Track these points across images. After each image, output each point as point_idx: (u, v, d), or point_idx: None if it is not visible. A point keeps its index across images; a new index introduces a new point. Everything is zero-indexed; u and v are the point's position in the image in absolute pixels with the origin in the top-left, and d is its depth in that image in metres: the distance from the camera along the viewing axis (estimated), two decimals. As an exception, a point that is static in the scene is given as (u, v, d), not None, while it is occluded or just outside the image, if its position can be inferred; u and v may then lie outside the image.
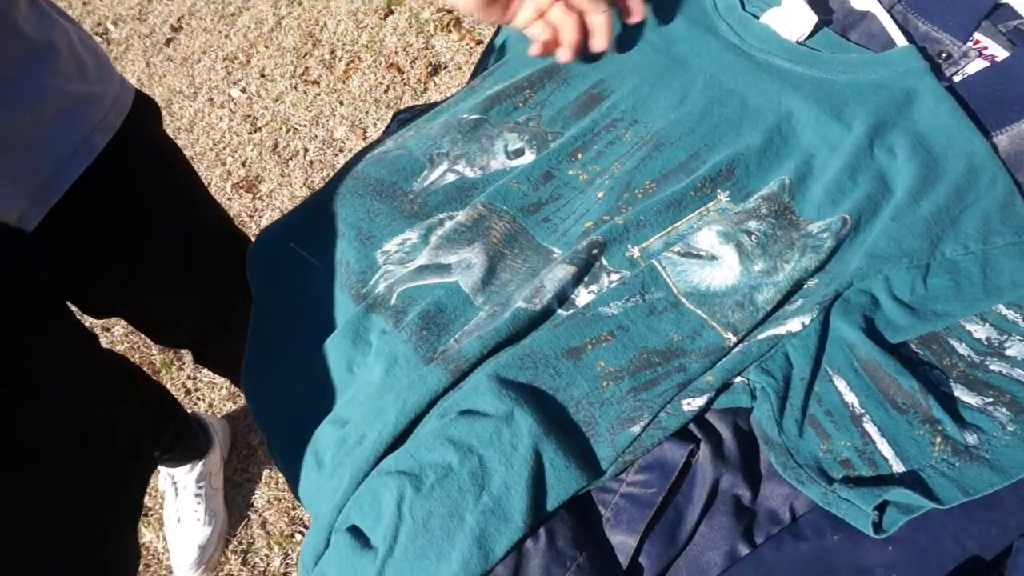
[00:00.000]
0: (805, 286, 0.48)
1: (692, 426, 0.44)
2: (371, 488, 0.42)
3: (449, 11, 1.93)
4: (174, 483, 1.29)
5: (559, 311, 0.49)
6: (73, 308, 0.77)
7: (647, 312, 0.47)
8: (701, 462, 0.43)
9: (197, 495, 1.28)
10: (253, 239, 0.66)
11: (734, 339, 0.45)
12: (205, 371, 1.50)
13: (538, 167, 0.57)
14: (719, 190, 0.52)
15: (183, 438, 1.17)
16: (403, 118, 0.69)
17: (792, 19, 0.59)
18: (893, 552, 0.38)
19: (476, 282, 0.52)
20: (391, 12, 1.99)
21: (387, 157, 0.60)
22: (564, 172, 0.56)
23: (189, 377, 1.51)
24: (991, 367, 0.43)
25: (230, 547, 1.31)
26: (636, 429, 0.42)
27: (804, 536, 0.40)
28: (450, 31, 1.88)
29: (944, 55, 0.59)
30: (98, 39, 2.21)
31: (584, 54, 0.61)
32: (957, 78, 0.58)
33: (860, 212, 0.49)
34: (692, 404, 0.43)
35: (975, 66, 0.58)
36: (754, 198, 0.51)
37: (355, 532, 0.43)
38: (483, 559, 0.39)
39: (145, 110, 0.79)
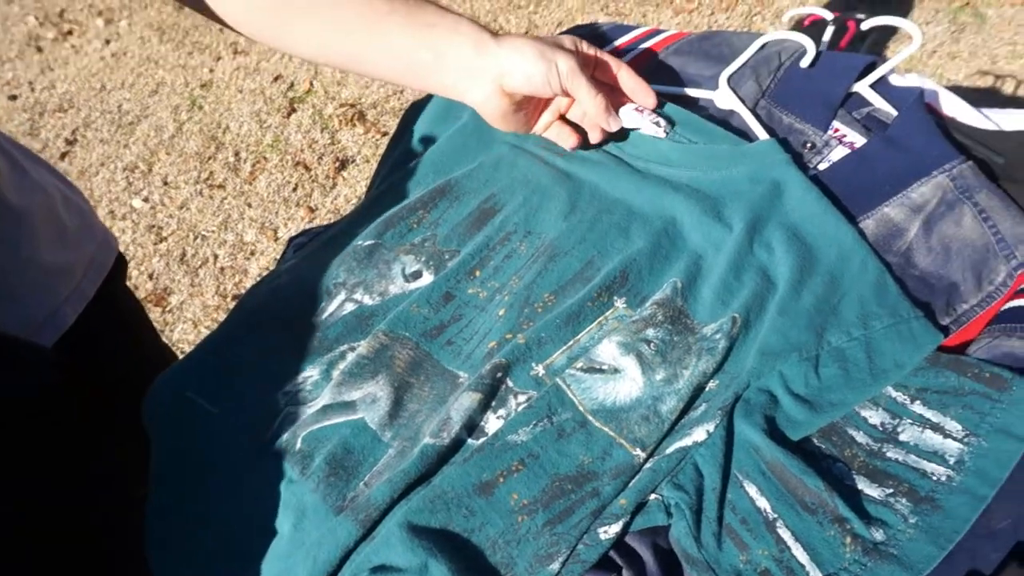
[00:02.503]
0: (706, 389, 0.49)
1: (612, 553, 0.43)
2: None
3: (352, 105, 1.95)
4: None
5: (469, 440, 0.48)
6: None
7: (556, 435, 0.47)
8: (624, 590, 0.42)
9: None
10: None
11: (643, 455, 0.45)
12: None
13: (437, 289, 0.56)
14: (615, 297, 0.53)
15: None
16: (299, 243, 0.69)
17: (649, 120, 0.61)
18: (821, 665, 0.38)
19: (383, 416, 0.51)
20: (294, 110, 2.00)
21: (282, 292, 0.59)
22: (464, 291, 0.56)
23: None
24: (888, 454, 0.45)
25: None
26: (555, 566, 0.41)
27: (735, 658, 0.40)
28: (355, 125, 1.90)
29: (808, 145, 0.63)
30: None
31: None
32: (823, 166, 0.62)
33: (748, 309, 0.51)
34: (609, 531, 0.43)
35: (838, 153, 0.62)
36: (649, 303, 0.52)
37: None
38: None
39: (116, 267, 0.74)
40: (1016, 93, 1.67)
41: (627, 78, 0.61)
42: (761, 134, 0.62)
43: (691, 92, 0.67)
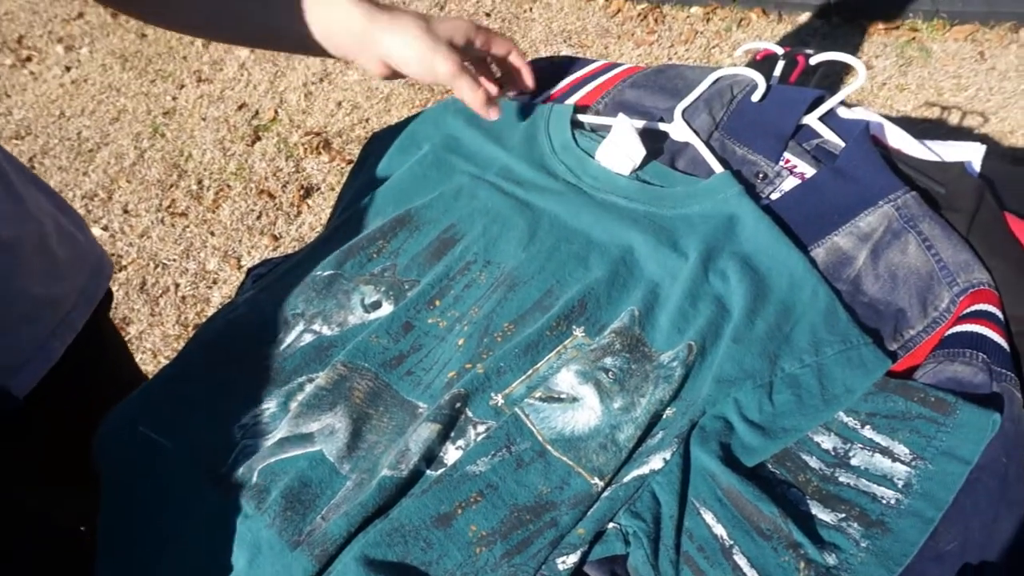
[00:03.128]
0: (663, 417, 0.49)
1: (569, 582, 0.43)
2: None
3: (318, 133, 1.95)
4: None
5: (428, 472, 0.48)
6: None
7: (515, 465, 0.47)
8: (584, 621, 0.42)
9: None
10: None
11: (601, 484, 0.45)
12: None
13: (397, 319, 0.56)
14: (574, 326, 0.54)
15: None
16: (257, 273, 0.68)
17: (622, 153, 0.64)
18: None
19: (341, 448, 0.50)
20: (258, 138, 1.99)
21: (240, 323, 0.58)
22: (423, 321, 0.56)
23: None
24: (840, 479, 0.46)
25: None
26: None
27: None
28: (320, 153, 1.89)
29: (761, 175, 0.65)
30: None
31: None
32: (775, 195, 0.64)
33: (704, 337, 0.52)
34: (567, 561, 0.42)
35: (789, 183, 0.64)
36: (607, 332, 0.53)
37: None
38: None
39: (105, 300, 0.72)
40: (961, 124, 1.73)
41: (515, 58, 0.66)
42: (715, 166, 0.64)
43: (648, 124, 0.69)
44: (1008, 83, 1.77)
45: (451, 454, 0.48)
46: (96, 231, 1.86)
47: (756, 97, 0.69)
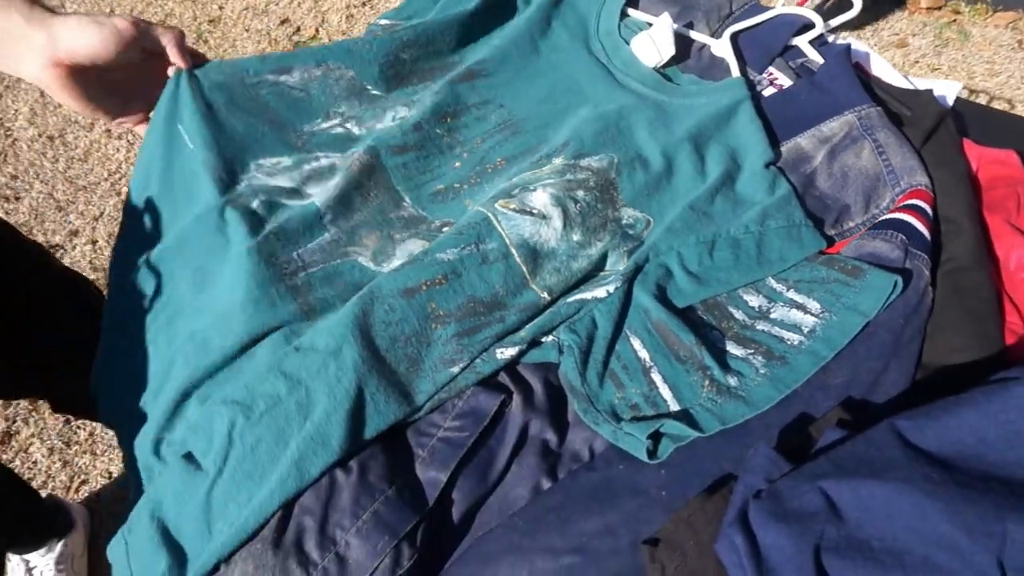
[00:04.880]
0: (614, 263, 0.55)
1: (506, 378, 0.50)
2: (206, 415, 0.46)
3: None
4: (28, 569, 1.14)
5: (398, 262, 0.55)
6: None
7: (480, 260, 0.52)
8: (513, 410, 0.49)
9: None
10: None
11: (548, 298, 0.52)
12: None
13: (411, 119, 0.63)
14: (555, 157, 0.60)
15: (28, 523, 1.07)
16: (374, 28, 0.74)
17: (654, 47, 0.69)
18: (665, 475, 0.45)
19: (329, 201, 0.57)
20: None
21: (290, 95, 0.64)
22: (432, 128, 0.63)
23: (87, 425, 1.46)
24: (758, 327, 0.51)
25: (104, 580, 1.26)
26: (455, 369, 0.48)
27: (595, 468, 0.46)
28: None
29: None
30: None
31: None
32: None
33: (665, 204, 0.57)
34: (505, 353, 0.49)
35: (768, 92, 0.69)
36: (584, 163, 0.59)
37: (189, 457, 0.46)
38: (299, 479, 0.43)
39: None
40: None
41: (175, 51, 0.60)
42: (734, 71, 0.69)
43: (695, 35, 0.74)
44: (1041, 73, 1.76)
45: (418, 245, 0.56)
46: (139, 128, 1.94)
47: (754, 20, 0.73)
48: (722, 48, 0.72)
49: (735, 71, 0.70)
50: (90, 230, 1.69)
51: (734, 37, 0.73)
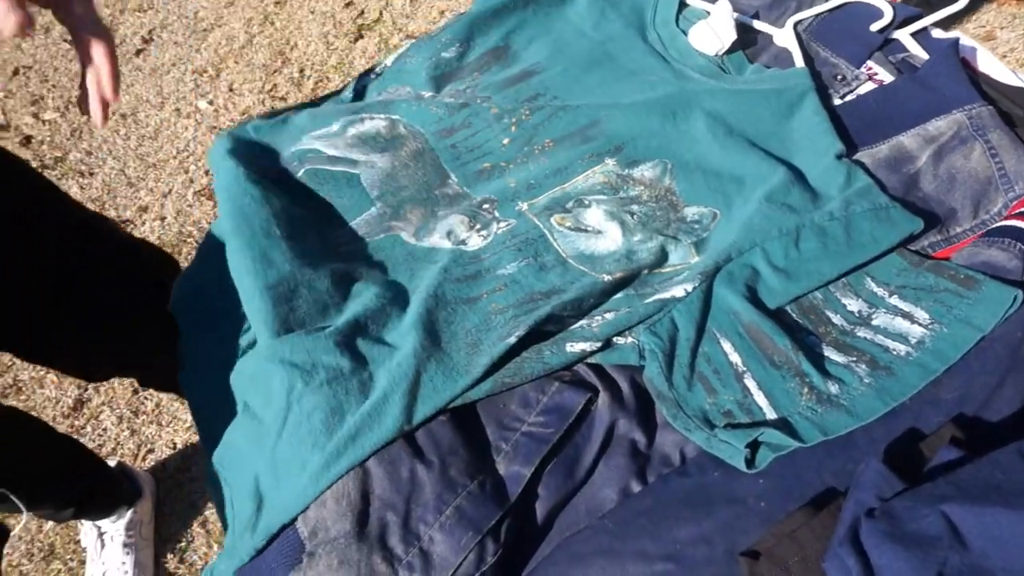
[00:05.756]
0: (685, 260, 0.54)
1: (593, 376, 0.49)
2: (264, 372, 0.46)
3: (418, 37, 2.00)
4: (100, 535, 1.18)
5: (449, 247, 0.56)
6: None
7: (538, 269, 0.53)
8: (600, 408, 0.47)
9: (127, 546, 1.17)
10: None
11: (608, 278, 0.51)
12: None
13: (460, 101, 0.63)
14: (607, 158, 0.59)
15: (100, 492, 1.10)
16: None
17: (714, 35, 0.66)
18: (763, 484, 0.43)
19: (375, 180, 0.59)
20: (361, 36, 2.05)
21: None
22: (478, 103, 0.63)
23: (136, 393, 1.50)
24: (859, 334, 0.49)
25: (168, 545, 1.30)
26: (512, 339, 0.47)
27: (688, 474, 0.45)
28: (417, 57, 1.95)
29: (839, 77, 0.67)
30: (67, 45, 2.23)
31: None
32: (850, 96, 0.65)
33: (732, 200, 0.55)
34: (575, 347, 0.48)
35: (866, 87, 0.66)
36: (637, 174, 0.57)
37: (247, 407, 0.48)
38: (352, 455, 0.43)
39: None
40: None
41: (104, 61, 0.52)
42: (799, 61, 0.66)
43: (758, 25, 0.71)
44: None
45: (474, 239, 0.56)
46: (202, 104, 1.98)
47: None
48: (785, 38, 0.69)
49: (799, 61, 0.67)
50: (159, 206, 1.74)
51: (823, 31, 0.70)
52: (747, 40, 0.70)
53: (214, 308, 0.58)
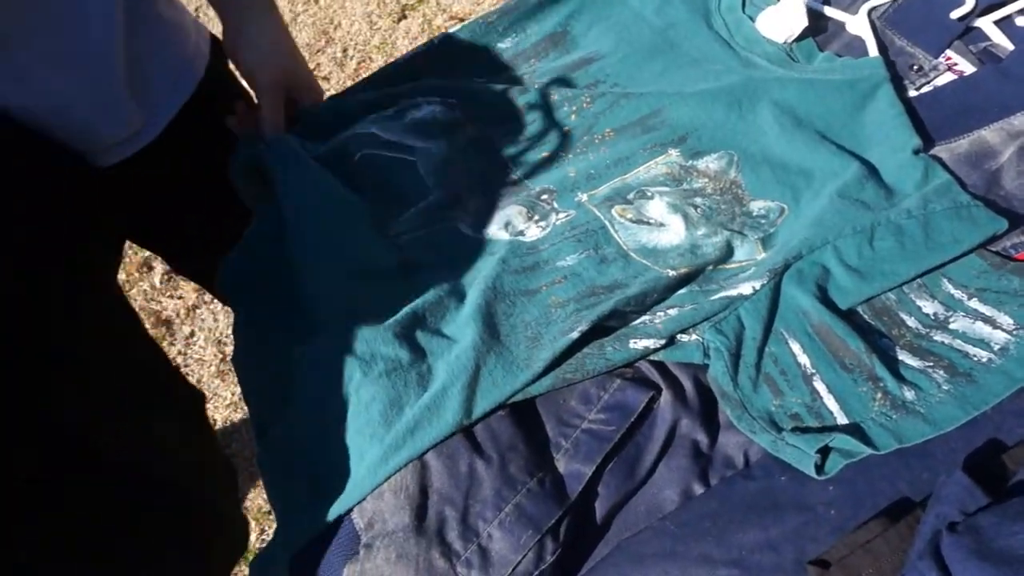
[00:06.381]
0: (753, 255, 0.52)
1: (655, 374, 0.47)
2: (324, 359, 0.47)
3: (462, 19, 1.98)
4: None
5: (506, 238, 0.55)
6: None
7: (599, 261, 0.52)
8: (662, 407, 0.46)
9: None
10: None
11: (672, 273, 0.50)
12: (195, 348, 1.53)
13: (518, 91, 0.62)
14: (670, 148, 0.57)
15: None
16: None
17: (783, 21, 0.64)
18: (833, 491, 0.41)
19: (431, 167, 0.58)
20: (404, 17, 2.04)
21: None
22: (538, 97, 0.62)
23: (180, 353, 1.53)
24: (935, 338, 0.47)
25: (208, 520, 1.33)
26: (574, 335, 0.46)
27: (754, 477, 0.44)
28: (460, 39, 1.93)
29: (916, 67, 0.64)
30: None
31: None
32: (927, 88, 0.62)
33: (800, 195, 0.53)
34: (638, 344, 0.47)
35: (945, 79, 0.63)
36: (702, 165, 0.56)
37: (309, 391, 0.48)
38: (412, 447, 0.43)
39: (216, 44, 0.77)
40: None
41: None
42: (872, 50, 0.64)
43: (829, 12, 0.68)
44: None
45: (532, 230, 0.54)
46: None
47: (929, -12, 0.67)
48: (858, 25, 0.66)
49: (872, 50, 0.64)
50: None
51: (898, 18, 0.67)
52: (818, 27, 0.67)
53: (269, 289, 0.58)
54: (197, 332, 1.56)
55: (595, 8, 0.69)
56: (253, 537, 1.31)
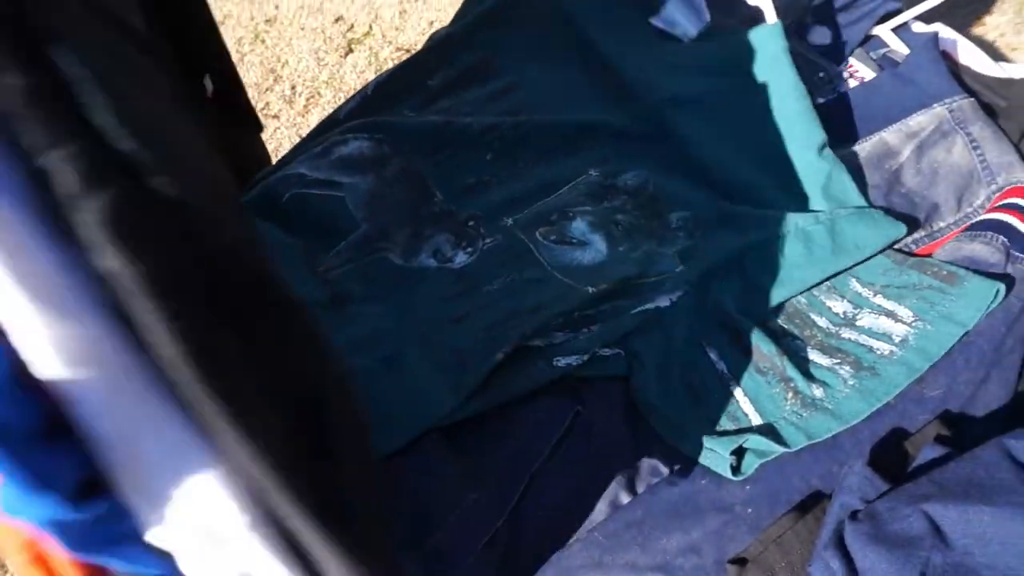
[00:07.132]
0: (670, 267, 0.54)
1: (580, 389, 0.49)
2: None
3: (407, 50, 2.01)
4: None
5: (435, 264, 0.56)
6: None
7: (523, 283, 0.53)
8: (586, 421, 0.48)
9: None
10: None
11: (592, 289, 0.51)
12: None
13: (442, 120, 0.63)
14: (590, 169, 0.59)
15: None
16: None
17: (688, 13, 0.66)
18: (750, 491, 0.43)
19: (359, 200, 0.59)
20: (351, 51, 2.06)
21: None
22: (461, 122, 0.63)
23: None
24: (844, 335, 0.49)
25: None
26: (499, 356, 0.47)
27: (677, 483, 0.45)
28: (408, 69, 1.95)
29: (822, 76, 0.67)
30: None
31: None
32: (832, 95, 0.65)
33: (715, 201, 0.56)
34: (561, 362, 0.48)
35: (849, 85, 0.66)
36: (620, 183, 0.58)
37: None
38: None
39: None
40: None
41: None
42: (771, 17, 0.63)
43: None
44: None
45: (460, 257, 0.56)
46: (197, 125, 1.99)
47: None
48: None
49: (771, 17, 0.64)
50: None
51: (807, 31, 0.70)
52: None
53: None
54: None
55: (517, 38, 0.71)
56: None
